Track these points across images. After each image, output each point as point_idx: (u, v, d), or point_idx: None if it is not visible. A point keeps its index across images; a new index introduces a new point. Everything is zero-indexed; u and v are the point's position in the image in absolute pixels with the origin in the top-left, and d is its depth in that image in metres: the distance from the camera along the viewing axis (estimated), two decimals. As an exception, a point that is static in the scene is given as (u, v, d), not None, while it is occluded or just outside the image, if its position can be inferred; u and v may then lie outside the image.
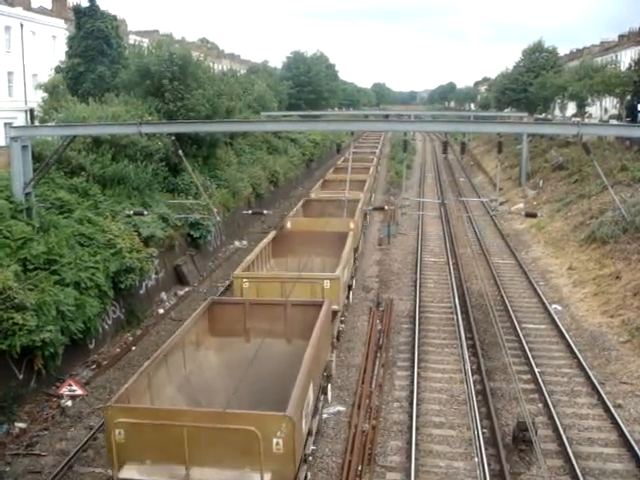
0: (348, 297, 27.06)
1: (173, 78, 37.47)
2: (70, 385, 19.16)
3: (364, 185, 41.48)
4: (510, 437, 17.53)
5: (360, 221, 33.62)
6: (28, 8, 59.86)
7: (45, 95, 43.73)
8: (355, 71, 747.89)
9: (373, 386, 20.74)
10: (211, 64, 53.11)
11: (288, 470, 12.25)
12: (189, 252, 33.87)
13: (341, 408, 19.39)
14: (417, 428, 18.10)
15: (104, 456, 15.76)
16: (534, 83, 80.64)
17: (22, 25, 55.29)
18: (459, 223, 45.45)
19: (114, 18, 45.32)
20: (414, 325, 26.05)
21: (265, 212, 34.16)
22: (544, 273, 34.12)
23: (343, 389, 20.64)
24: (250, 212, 35.08)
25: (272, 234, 27.66)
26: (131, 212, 27.04)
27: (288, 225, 29.83)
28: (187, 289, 31.31)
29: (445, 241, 41.39)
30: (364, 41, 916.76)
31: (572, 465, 16.16)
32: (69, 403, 19.47)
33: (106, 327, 24.41)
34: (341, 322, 24.51)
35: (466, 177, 73.57)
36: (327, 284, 20.53)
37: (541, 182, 54.34)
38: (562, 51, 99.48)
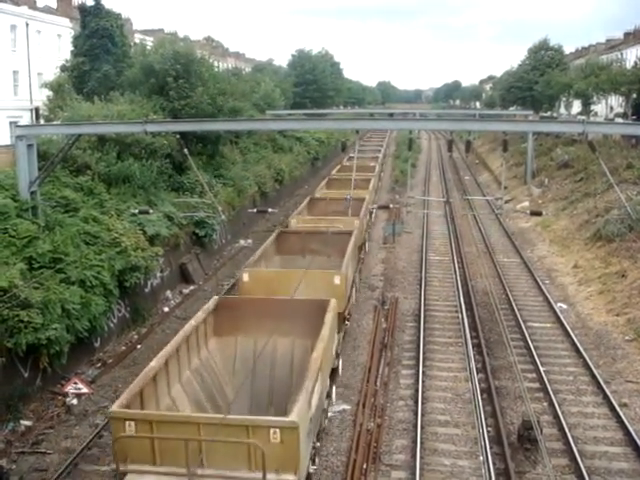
0: (330, 394, 18.22)
1: (177, 76, 37.51)
2: (75, 383, 19.20)
3: (361, 207, 32.45)
4: (515, 436, 17.49)
5: (352, 268, 24.60)
6: (33, 7, 59.97)
7: (50, 94, 43.79)
8: (360, 69, 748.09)
9: (378, 384, 20.73)
10: (215, 62, 52.98)
11: None
12: (194, 250, 33.91)
13: (346, 406, 19.38)
14: (422, 426, 18.09)
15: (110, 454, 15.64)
16: (539, 81, 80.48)
17: (27, 24, 55.38)
18: (464, 221, 45.41)
19: (118, 16, 45.42)
20: (419, 323, 26.03)
21: (270, 210, 34.16)
22: (549, 271, 34.07)
23: (348, 388, 20.61)
24: (255, 211, 35.10)
25: (214, 301, 17.78)
26: (136, 211, 27.08)
27: (245, 278, 20.80)
28: (192, 287, 31.35)
29: (450, 239, 41.34)
30: (369, 39, 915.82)
31: (577, 464, 16.14)
32: (74, 401, 19.50)
33: (111, 325, 24.44)
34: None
35: (471, 175, 73.51)
36: (276, 436, 11.32)
37: (546, 180, 54.26)
38: (568, 49, 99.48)
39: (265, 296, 18.99)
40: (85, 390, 19.31)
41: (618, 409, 18.93)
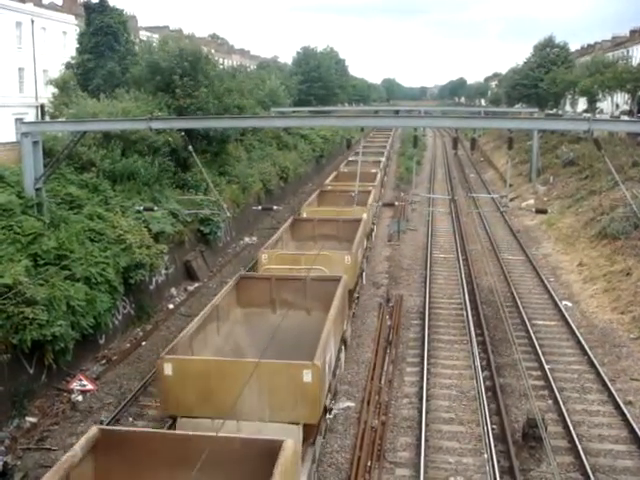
0: None
1: (183, 74, 37.45)
2: (80, 380, 19.27)
3: (354, 238, 25.28)
4: (520, 434, 17.48)
5: (332, 353, 16.40)
6: (39, 4, 60.11)
7: (56, 91, 43.87)
8: (365, 66, 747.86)
9: (382, 382, 20.73)
10: (221, 60, 52.91)
11: None
12: (199, 248, 33.93)
13: (350, 404, 19.38)
14: (427, 424, 18.08)
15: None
16: (545, 79, 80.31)
17: (33, 21, 55.49)
18: (469, 219, 45.33)
19: (121, 13, 45.46)
20: (424, 321, 26.01)
21: (275, 208, 34.12)
22: (554, 269, 34.01)
23: (352, 385, 20.62)
24: (260, 208, 35.09)
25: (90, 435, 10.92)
26: (141, 208, 27.07)
27: (167, 371, 13.66)
28: (197, 284, 31.37)
29: (455, 237, 41.31)
30: (374, 37, 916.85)
31: (582, 462, 16.12)
32: (79, 398, 19.55)
33: (116, 322, 24.47)
34: None
35: (476, 173, 73.41)
36: None
37: (552, 178, 54.13)
38: (573, 47, 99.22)
39: (195, 401, 13.61)
40: (90, 387, 19.38)
41: (623, 407, 18.90)
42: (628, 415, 18.44)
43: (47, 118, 44.74)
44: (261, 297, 19.71)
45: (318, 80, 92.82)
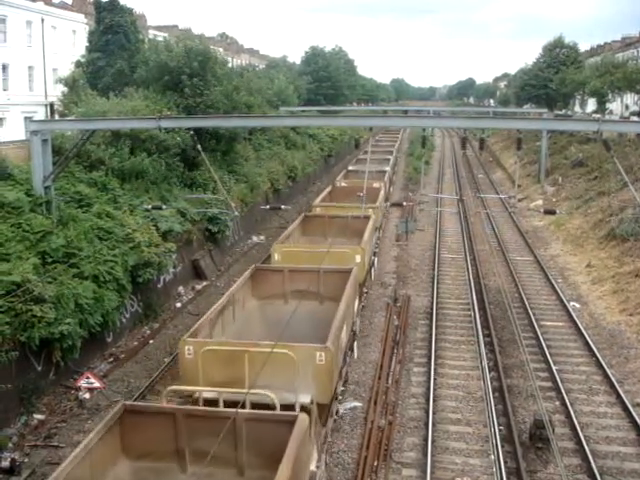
0: None
1: (192, 74, 37.45)
2: (88, 378, 19.28)
3: (340, 297, 17.42)
4: (527, 435, 17.43)
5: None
6: (49, 3, 60.25)
7: (65, 89, 44.04)
8: (374, 66, 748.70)
9: (390, 382, 20.71)
10: (229, 59, 52.94)
11: None
12: (207, 247, 33.97)
13: (357, 404, 19.37)
14: (433, 424, 18.05)
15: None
16: (554, 79, 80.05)
17: (43, 20, 55.68)
18: (477, 219, 45.23)
19: (131, 12, 45.58)
20: (431, 321, 25.98)
21: (283, 207, 34.11)
22: (562, 270, 33.90)
23: (359, 385, 20.61)
24: (268, 207, 35.09)
25: None
26: (149, 206, 27.13)
27: None
28: (205, 283, 31.41)
29: (463, 237, 41.22)
30: (383, 36, 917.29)
31: (589, 464, 16.06)
32: (87, 395, 19.58)
33: (124, 320, 24.53)
34: None
35: (485, 173, 73.22)
36: None
37: (560, 179, 53.98)
38: (583, 47, 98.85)
39: None
40: (97, 384, 19.40)
41: (631, 409, 18.82)
42: (636, 417, 18.35)
43: (56, 116, 44.91)
44: (163, 444, 11.80)
45: (327, 80, 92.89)
